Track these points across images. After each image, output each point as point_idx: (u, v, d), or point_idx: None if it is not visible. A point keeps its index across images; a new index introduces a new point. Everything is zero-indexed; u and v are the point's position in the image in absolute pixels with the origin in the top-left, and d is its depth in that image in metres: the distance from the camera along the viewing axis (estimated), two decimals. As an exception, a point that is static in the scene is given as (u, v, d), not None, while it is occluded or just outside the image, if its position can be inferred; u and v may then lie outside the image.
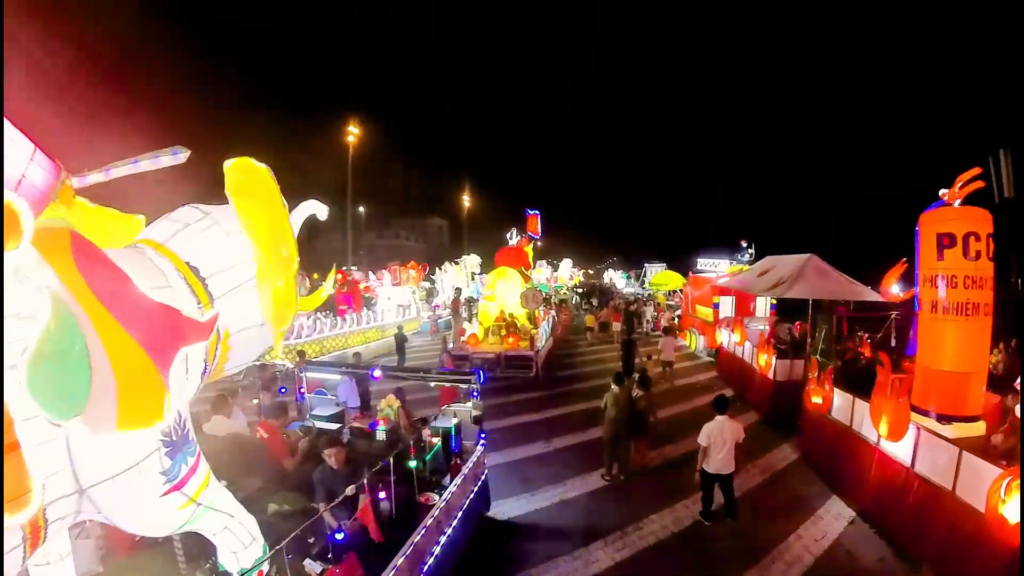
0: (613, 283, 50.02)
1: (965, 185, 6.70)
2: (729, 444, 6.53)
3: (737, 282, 14.17)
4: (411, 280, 25.06)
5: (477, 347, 14.37)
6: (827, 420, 8.43)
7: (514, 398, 12.80)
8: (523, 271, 17.10)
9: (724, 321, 15.58)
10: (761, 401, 11.60)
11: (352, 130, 32.27)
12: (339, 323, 18.19)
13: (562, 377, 14.99)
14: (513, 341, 13.92)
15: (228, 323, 3.56)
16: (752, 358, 12.46)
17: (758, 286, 12.56)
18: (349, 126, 32.15)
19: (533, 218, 19.90)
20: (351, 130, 32.17)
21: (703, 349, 18.30)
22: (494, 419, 11.14)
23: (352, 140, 32.25)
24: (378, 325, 20.31)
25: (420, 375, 6.76)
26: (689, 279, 20.51)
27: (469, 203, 57.38)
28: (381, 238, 77.64)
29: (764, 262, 13.83)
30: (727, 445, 6.52)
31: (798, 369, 11.16)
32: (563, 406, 12.21)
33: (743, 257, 18.25)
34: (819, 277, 11.42)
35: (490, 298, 15.33)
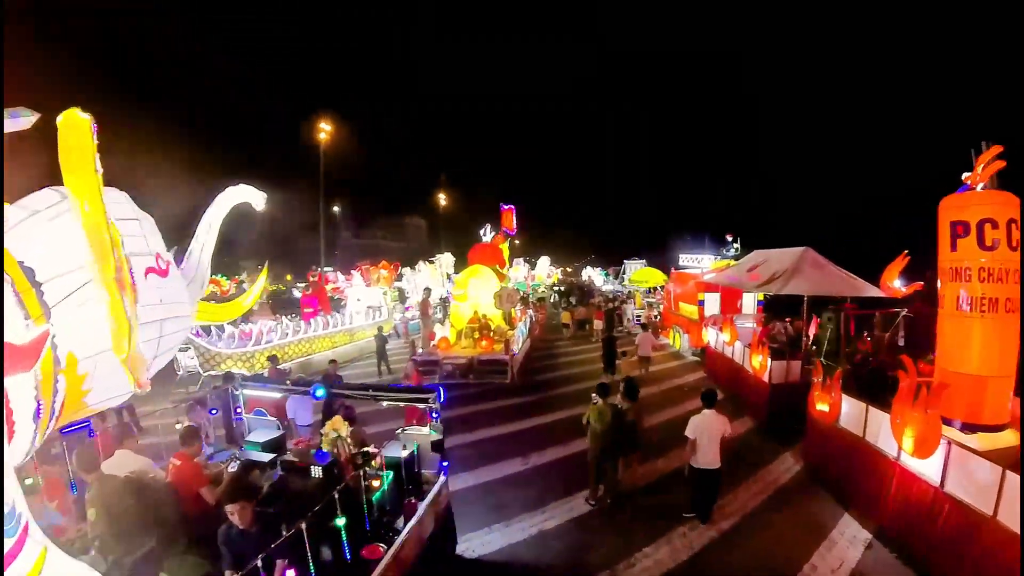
0: (592, 281, 49.31)
1: (988, 165, 5.82)
2: (715, 438, 6.36)
3: (726, 278, 13.32)
4: (383, 280, 23.74)
5: (448, 352, 13.24)
6: (835, 430, 7.56)
7: (487, 406, 11.75)
8: (498, 269, 16.03)
9: (711, 319, 14.72)
10: (756, 406, 10.74)
11: (324, 127, 30.91)
12: (303, 327, 16.86)
13: (541, 382, 13.96)
14: (487, 344, 12.82)
15: (73, 345, 2.61)
16: (744, 359, 11.60)
17: (750, 282, 11.70)
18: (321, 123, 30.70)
19: (508, 213, 18.72)
20: (323, 127, 30.79)
21: (688, 348, 17.45)
22: (465, 432, 10.10)
23: (324, 137, 30.91)
24: (346, 329, 19.00)
25: (369, 393, 5.59)
26: (671, 275, 19.67)
27: (446, 201, 56.12)
28: (358, 237, 76.90)
29: (753, 256, 13.02)
30: (713, 438, 6.35)
31: (795, 371, 10.37)
32: (542, 414, 11.19)
33: (729, 252, 17.45)
34: (816, 271, 10.67)
35: (461, 298, 14.16)
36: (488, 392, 12.43)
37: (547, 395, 12.73)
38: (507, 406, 11.81)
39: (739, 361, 12.01)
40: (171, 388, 14.23)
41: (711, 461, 6.39)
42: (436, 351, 13.16)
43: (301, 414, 8.87)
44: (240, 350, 14.63)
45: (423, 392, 5.25)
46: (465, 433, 10.06)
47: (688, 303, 17.51)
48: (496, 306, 13.52)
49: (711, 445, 6.37)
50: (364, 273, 23.36)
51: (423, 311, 14.62)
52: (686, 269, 19.28)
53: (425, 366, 12.62)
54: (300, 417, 8.91)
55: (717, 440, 6.37)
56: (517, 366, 12.97)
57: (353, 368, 17.54)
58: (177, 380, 14.46)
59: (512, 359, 12.44)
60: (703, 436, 6.37)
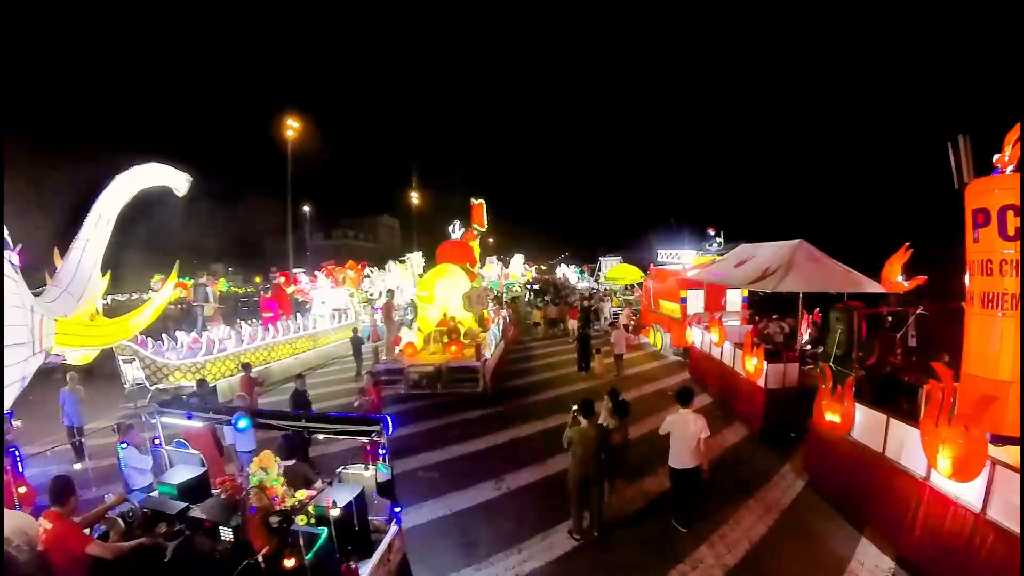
0: (566, 278, 48.54)
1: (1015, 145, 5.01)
2: (693, 439, 6.08)
3: (711, 274, 12.48)
4: (350, 281, 22.36)
5: (415, 358, 12.09)
6: (847, 443, 6.73)
7: (457, 419, 10.69)
8: (468, 268, 14.93)
9: (696, 317, 13.88)
10: (750, 413, 9.92)
11: (292, 124, 29.41)
12: (260, 334, 15.51)
13: (515, 388, 12.95)
14: (457, 350, 11.72)
15: None
16: (735, 361, 10.76)
17: (738, 278, 10.89)
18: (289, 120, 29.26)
19: (478, 207, 17.58)
20: (290, 124, 29.29)
21: (670, 348, 16.62)
22: (431, 450, 9.05)
23: (292, 135, 29.41)
24: (309, 334, 17.67)
25: (302, 424, 4.45)
26: (650, 272, 18.84)
27: (418, 200, 54.77)
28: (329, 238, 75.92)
29: (740, 251, 12.23)
30: (691, 440, 6.09)
31: (792, 374, 9.56)
32: (517, 427, 10.19)
33: (711, 247, 16.63)
34: (812, 266, 9.95)
35: (426, 300, 12.99)
36: (458, 403, 11.35)
37: (522, 403, 11.74)
38: (479, 418, 10.77)
39: (729, 363, 11.19)
40: (119, 403, 12.79)
41: (688, 461, 6.12)
42: (401, 358, 12.00)
43: (242, 439, 7.64)
44: (190, 361, 13.25)
45: (366, 423, 4.12)
46: (432, 451, 8.99)
47: (669, 300, 16.68)
48: (466, 308, 12.42)
49: (688, 445, 6.11)
50: (329, 274, 21.96)
51: (386, 315, 13.42)
52: (665, 265, 18.45)
53: (389, 375, 11.47)
54: (240, 442, 7.71)
55: (695, 440, 6.09)
56: (490, 372, 11.90)
57: (322, 375, 16.29)
58: (125, 394, 13.08)
59: (484, 365, 11.37)
60: (678, 436, 6.15)
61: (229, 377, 13.90)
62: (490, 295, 33.24)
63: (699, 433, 6.10)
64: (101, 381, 14.03)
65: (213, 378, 13.41)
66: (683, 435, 6.14)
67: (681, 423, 6.19)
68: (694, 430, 6.10)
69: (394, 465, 4.52)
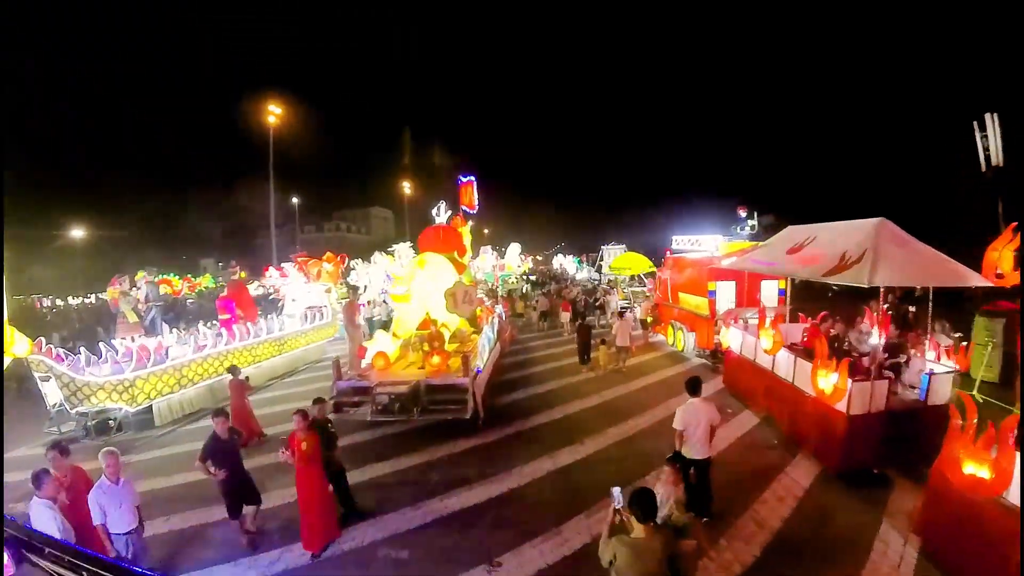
0: (564, 269, 45.95)
1: None
2: (704, 427, 5.89)
3: (755, 262, 9.89)
4: (327, 276, 19.62)
5: (386, 373, 9.41)
6: (998, 508, 4.47)
7: (438, 455, 8.23)
8: (457, 258, 12.25)
9: (731, 314, 11.27)
10: (824, 445, 7.64)
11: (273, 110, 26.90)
12: (210, 340, 12.87)
13: (513, 407, 10.46)
14: (440, 361, 9.05)
15: None
16: (793, 374, 8.26)
17: (801, 267, 8.33)
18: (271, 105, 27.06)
19: (467, 186, 14.79)
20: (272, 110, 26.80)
21: (694, 349, 14.02)
22: (399, 508, 6.67)
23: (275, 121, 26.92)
24: (274, 337, 15.01)
25: None
26: (667, 261, 16.20)
27: (412, 191, 51.92)
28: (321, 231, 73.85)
29: (791, 233, 9.70)
30: (702, 427, 5.89)
31: (880, 395, 7.12)
32: (517, 467, 7.70)
33: (742, 230, 13.98)
34: (902, 252, 7.43)
35: (402, 298, 10.26)
36: (440, 431, 8.79)
37: (523, 428, 9.26)
38: (467, 453, 8.30)
39: (785, 377, 8.63)
40: (43, 427, 10.61)
41: (700, 450, 5.96)
42: (369, 373, 9.32)
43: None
44: (116, 378, 10.60)
45: None
46: (401, 510, 6.52)
47: (693, 294, 14.10)
48: (449, 309, 9.73)
49: (701, 435, 5.94)
50: (301, 267, 19.20)
51: (348, 317, 10.67)
52: (685, 253, 15.81)
53: (355, 395, 8.82)
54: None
55: (707, 430, 5.95)
56: (481, 389, 9.26)
57: (286, 386, 13.68)
58: (52, 417, 10.66)
59: (475, 381, 8.72)
60: (692, 427, 5.94)
61: (169, 396, 11.30)
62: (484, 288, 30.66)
63: (712, 422, 5.95)
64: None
65: (147, 397, 10.82)
66: (697, 426, 5.92)
67: (692, 411, 5.98)
68: (706, 418, 5.93)
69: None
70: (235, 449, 5.99)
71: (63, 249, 49.66)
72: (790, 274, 8.94)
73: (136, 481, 8.14)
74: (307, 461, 5.47)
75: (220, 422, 5.92)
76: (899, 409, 7.40)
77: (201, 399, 12.33)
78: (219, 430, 5.87)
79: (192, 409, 11.94)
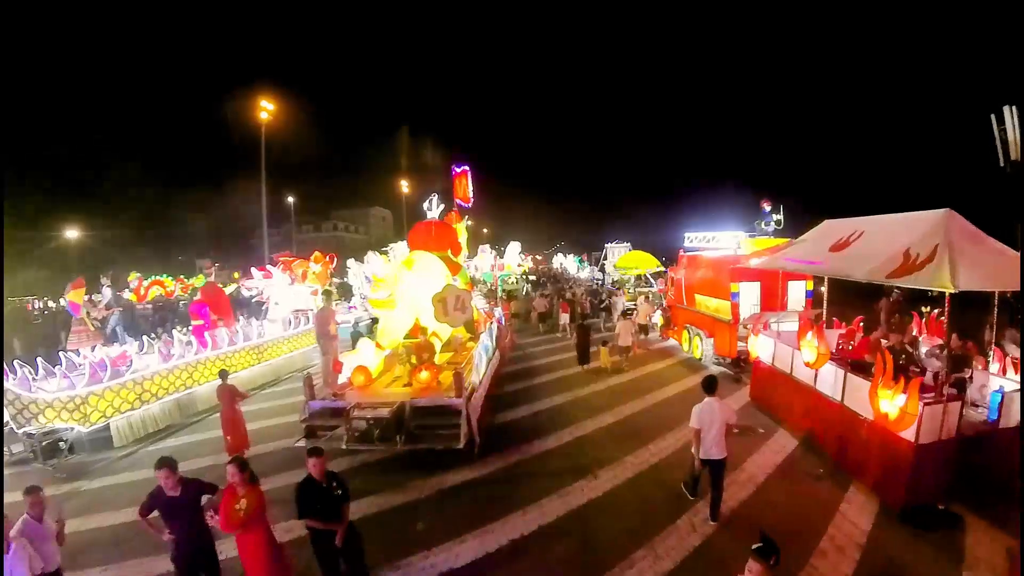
0: (565, 269, 44.62)
1: None
2: (720, 426, 5.77)
3: (792, 261, 8.62)
4: (315, 277, 18.30)
5: (366, 391, 8.10)
6: None
7: (425, 494, 6.99)
8: (451, 256, 10.96)
9: (757, 319, 9.99)
10: (884, 477, 6.49)
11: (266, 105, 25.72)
12: (180, 350, 11.61)
13: (515, 428, 9.21)
14: (428, 377, 7.74)
15: None
16: (842, 391, 7.07)
17: (852, 267, 7.09)
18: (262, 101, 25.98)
19: (462, 177, 13.33)
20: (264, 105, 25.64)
21: (712, 356, 12.74)
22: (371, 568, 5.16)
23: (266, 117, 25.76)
24: (252, 345, 13.74)
25: None
26: (681, 260, 14.91)
27: (410, 189, 50.58)
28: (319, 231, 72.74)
29: (832, 228, 8.52)
30: (716, 426, 5.77)
31: (952, 420, 6.08)
32: (520, 511, 6.48)
33: (767, 226, 12.67)
34: (977, 250, 6.17)
35: (384, 303, 8.89)
36: (428, 462, 7.47)
37: (525, 457, 8.01)
38: (459, 489, 7.07)
39: (831, 395, 7.38)
40: None
41: (715, 450, 5.81)
42: (345, 392, 7.99)
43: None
44: (67, 394, 9.33)
45: None
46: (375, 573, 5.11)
47: (712, 296, 12.82)
48: (438, 318, 8.37)
49: (716, 435, 5.78)
50: (286, 267, 17.87)
51: (320, 327, 9.26)
52: (702, 251, 14.51)
53: (330, 416, 7.53)
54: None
55: (723, 430, 5.79)
56: (477, 411, 7.93)
57: (262, 399, 12.40)
58: None
59: (470, 403, 7.40)
60: (707, 426, 5.78)
61: (129, 413, 10.04)
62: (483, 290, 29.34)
63: (727, 420, 5.82)
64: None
65: (101, 415, 9.56)
66: (711, 423, 5.78)
67: (710, 412, 5.83)
68: (721, 418, 5.79)
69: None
70: (191, 505, 4.51)
71: (56, 250, 48.64)
72: (836, 274, 7.65)
73: (80, 517, 6.92)
74: (247, 526, 4.18)
75: (164, 475, 4.36)
76: (968, 434, 6.18)
77: (168, 416, 11.09)
78: (164, 484, 4.38)
79: (157, 427, 10.72)
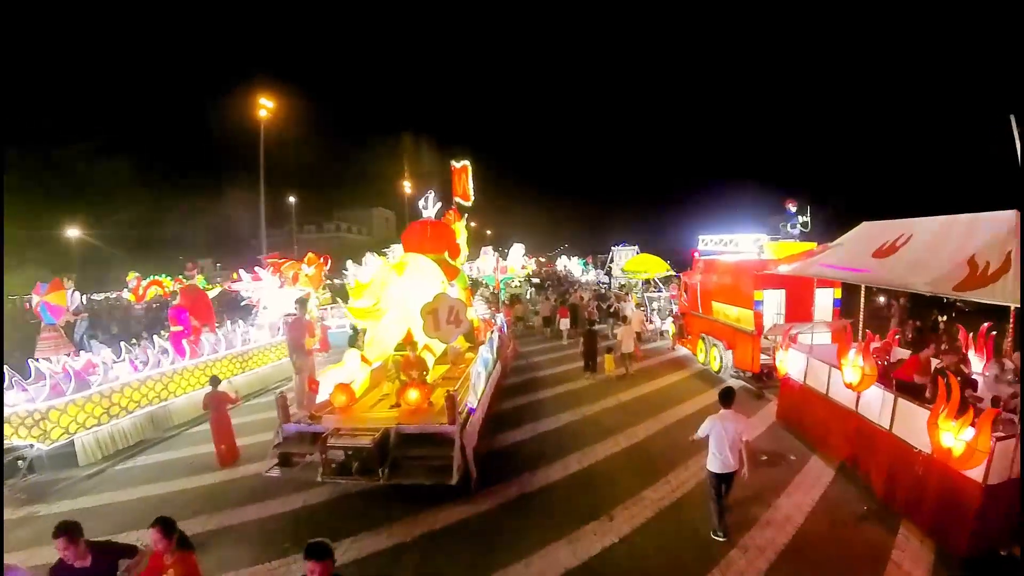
0: (569, 272, 43.62)
1: None
2: (732, 440, 5.60)
3: (832, 267, 7.69)
4: (306, 280, 17.40)
5: (348, 413, 7.17)
6: None
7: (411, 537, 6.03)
8: (448, 260, 10.06)
9: (785, 332, 9.02)
10: (947, 523, 5.55)
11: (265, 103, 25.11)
12: (154, 359, 10.76)
13: (517, 454, 8.31)
14: (419, 398, 6.82)
15: None
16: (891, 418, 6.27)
17: (897, 277, 6.15)
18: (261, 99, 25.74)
19: (461, 173, 12.31)
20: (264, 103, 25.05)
21: (731, 369, 11.80)
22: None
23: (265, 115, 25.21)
24: (235, 353, 12.88)
25: None
26: (697, 264, 13.96)
27: (412, 189, 49.73)
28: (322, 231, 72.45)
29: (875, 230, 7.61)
30: (731, 439, 5.59)
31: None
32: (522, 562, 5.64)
33: (793, 228, 11.71)
34: None
35: (367, 313, 7.80)
36: (417, 498, 6.53)
37: (528, 491, 7.08)
38: (450, 536, 6.10)
39: (880, 423, 6.45)
40: None
41: (729, 465, 5.63)
42: (322, 414, 7.00)
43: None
44: (25, 408, 8.52)
45: None
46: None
47: (732, 304, 11.88)
48: (428, 332, 7.35)
49: (729, 447, 5.58)
50: (275, 269, 16.96)
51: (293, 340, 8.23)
52: (719, 255, 13.54)
53: (301, 445, 6.61)
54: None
55: (737, 443, 5.62)
56: (473, 440, 6.96)
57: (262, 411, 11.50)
58: None
59: (465, 430, 6.45)
60: (719, 437, 5.62)
61: (96, 428, 9.21)
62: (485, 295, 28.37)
63: (741, 434, 5.64)
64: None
65: (63, 431, 8.75)
66: (724, 436, 5.57)
67: (721, 424, 5.62)
68: (735, 430, 5.60)
69: None
70: None
71: (55, 249, 48.25)
72: (887, 284, 6.74)
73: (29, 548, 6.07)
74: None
75: (62, 544, 3.37)
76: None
77: (140, 430, 10.28)
78: (64, 555, 3.40)
79: (128, 443, 9.95)
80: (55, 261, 48.30)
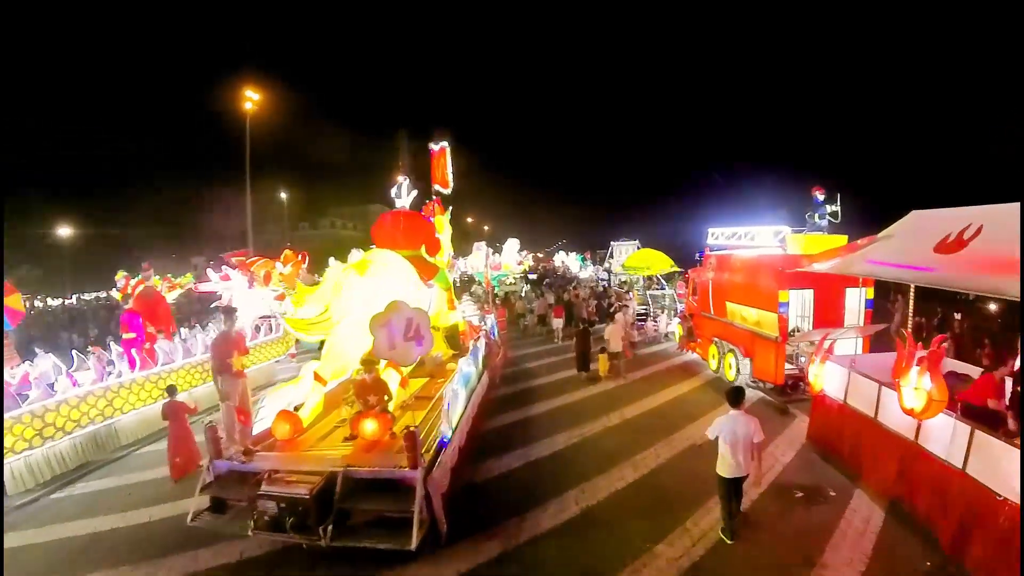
0: (567, 268, 42.20)
1: None
2: (745, 443, 5.35)
3: (883, 265, 6.41)
4: (283, 279, 16.00)
5: (293, 448, 5.85)
6: None
7: None
8: (425, 256, 8.73)
9: (820, 343, 7.73)
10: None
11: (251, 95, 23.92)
12: (95, 373, 9.48)
13: (500, 491, 6.97)
14: (376, 430, 5.50)
15: None
16: (963, 456, 5.10)
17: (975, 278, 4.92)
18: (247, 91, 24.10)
19: (439, 157, 10.81)
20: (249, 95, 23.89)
21: (748, 378, 10.50)
22: None
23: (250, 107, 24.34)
24: (194, 362, 11.57)
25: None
26: (708, 259, 12.63)
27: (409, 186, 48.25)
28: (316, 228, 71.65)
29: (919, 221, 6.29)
30: (742, 442, 5.34)
31: None
32: None
33: (821, 220, 10.37)
34: None
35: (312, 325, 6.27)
36: (368, 560, 5.14)
37: (512, 548, 5.75)
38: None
39: (949, 459, 5.19)
40: None
41: (739, 468, 5.42)
42: (256, 451, 5.62)
43: None
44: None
45: None
46: None
47: (750, 305, 10.58)
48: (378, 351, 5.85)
49: (739, 450, 5.36)
50: (243, 268, 15.55)
51: (219, 359, 6.79)
52: (734, 250, 12.16)
53: (238, 485, 5.32)
54: None
55: (748, 446, 5.36)
56: (443, 486, 5.57)
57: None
58: None
59: (431, 475, 5.08)
60: (729, 440, 5.38)
61: (27, 452, 8.10)
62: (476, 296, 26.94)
63: (752, 436, 5.34)
64: None
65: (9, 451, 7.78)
66: (734, 438, 5.32)
67: (731, 425, 5.36)
68: (746, 432, 5.32)
69: None
70: None
71: (49, 247, 47.55)
72: (962, 287, 5.45)
73: None
74: None
75: None
76: None
77: (81, 453, 9.13)
78: None
79: (67, 467, 8.87)
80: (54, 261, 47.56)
